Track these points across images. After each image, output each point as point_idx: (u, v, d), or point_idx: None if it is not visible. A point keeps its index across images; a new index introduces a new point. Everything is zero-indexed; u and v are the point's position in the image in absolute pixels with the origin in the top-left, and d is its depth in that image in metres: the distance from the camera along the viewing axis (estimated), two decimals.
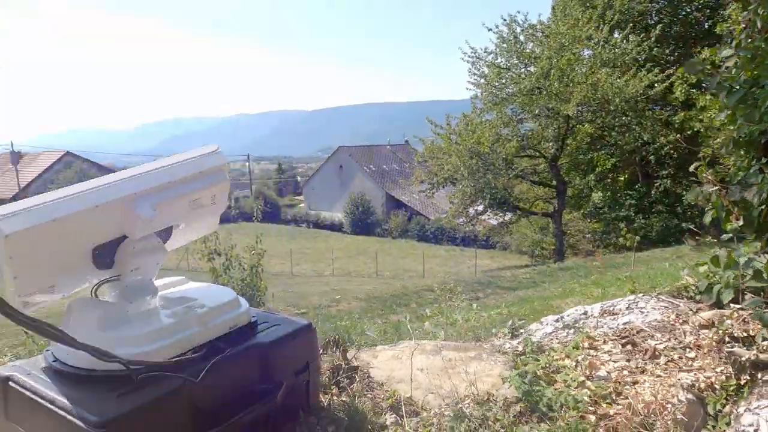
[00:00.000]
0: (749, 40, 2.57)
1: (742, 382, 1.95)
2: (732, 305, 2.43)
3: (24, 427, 1.47)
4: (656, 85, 17.53)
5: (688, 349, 2.25)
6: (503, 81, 19.09)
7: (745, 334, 2.18)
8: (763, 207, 2.42)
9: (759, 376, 1.92)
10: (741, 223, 2.50)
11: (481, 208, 20.99)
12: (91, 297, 1.67)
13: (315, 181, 43.72)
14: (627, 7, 20.07)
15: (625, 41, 18.17)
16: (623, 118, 18.26)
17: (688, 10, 20.80)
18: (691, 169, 2.74)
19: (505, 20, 19.01)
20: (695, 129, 18.14)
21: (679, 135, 18.48)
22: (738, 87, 2.59)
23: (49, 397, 1.39)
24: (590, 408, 1.92)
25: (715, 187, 2.55)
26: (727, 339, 2.19)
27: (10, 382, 1.50)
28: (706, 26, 20.31)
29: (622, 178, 23.83)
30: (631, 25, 19.27)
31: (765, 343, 2.06)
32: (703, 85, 16.52)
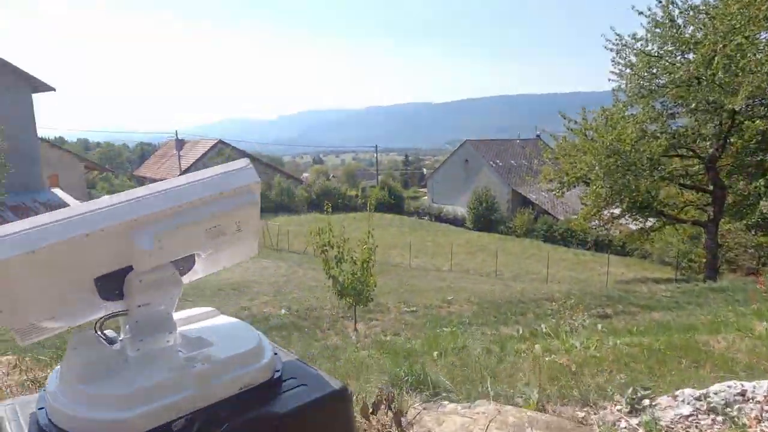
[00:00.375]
0: None
1: None
2: None
3: None
4: None
5: None
6: (654, 71, 16.92)
7: None
8: None
9: None
10: None
11: (617, 211, 19.04)
12: (95, 332, 1.44)
13: (439, 174, 43.35)
14: None
15: None
16: None
17: None
18: None
19: (660, 2, 16.76)
20: None
21: None
22: None
23: None
24: None
25: None
26: None
27: None
28: None
29: None
30: None
31: None
32: None
